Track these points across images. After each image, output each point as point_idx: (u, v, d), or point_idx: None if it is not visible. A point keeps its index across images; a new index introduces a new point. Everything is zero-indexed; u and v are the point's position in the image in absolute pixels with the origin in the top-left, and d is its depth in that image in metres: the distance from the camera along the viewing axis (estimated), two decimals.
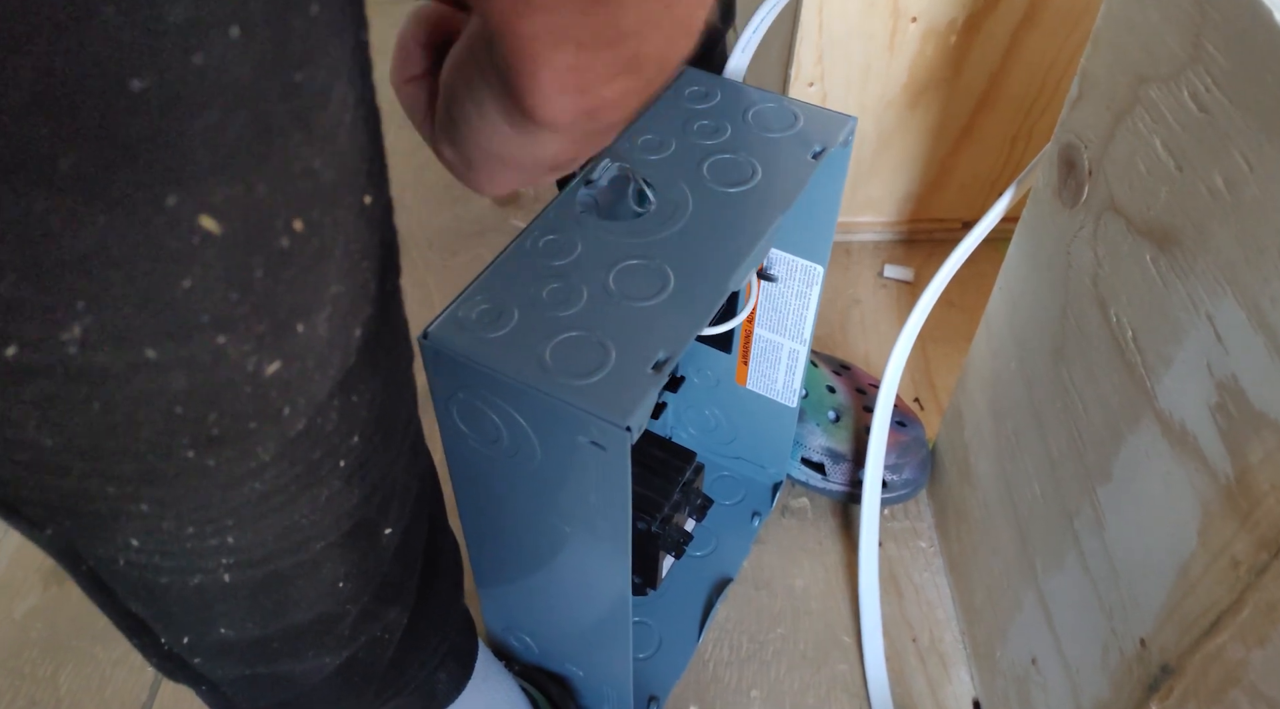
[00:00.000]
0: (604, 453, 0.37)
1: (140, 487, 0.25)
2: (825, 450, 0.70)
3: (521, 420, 0.39)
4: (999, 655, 0.59)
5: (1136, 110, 0.42)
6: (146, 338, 0.21)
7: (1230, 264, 0.36)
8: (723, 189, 0.45)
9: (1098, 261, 0.46)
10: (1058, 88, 0.80)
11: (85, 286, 0.20)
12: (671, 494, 0.55)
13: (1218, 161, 0.37)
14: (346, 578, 0.34)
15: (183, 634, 0.34)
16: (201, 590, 0.30)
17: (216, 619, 0.33)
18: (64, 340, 0.20)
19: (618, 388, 0.37)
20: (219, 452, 0.25)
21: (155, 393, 0.22)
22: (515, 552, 0.49)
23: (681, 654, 0.63)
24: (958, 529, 0.67)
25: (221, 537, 0.28)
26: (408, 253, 0.90)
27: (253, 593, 0.32)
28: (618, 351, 0.38)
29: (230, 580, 0.30)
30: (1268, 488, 0.34)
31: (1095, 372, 0.46)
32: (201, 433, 0.24)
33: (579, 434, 0.38)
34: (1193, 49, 0.38)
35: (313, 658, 0.37)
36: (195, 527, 0.27)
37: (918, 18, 0.74)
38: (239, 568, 0.30)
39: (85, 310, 0.20)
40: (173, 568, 0.29)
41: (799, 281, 0.58)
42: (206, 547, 0.28)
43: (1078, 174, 0.48)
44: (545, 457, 0.40)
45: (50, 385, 0.21)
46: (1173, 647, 0.39)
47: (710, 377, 0.67)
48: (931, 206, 0.91)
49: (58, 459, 0.23)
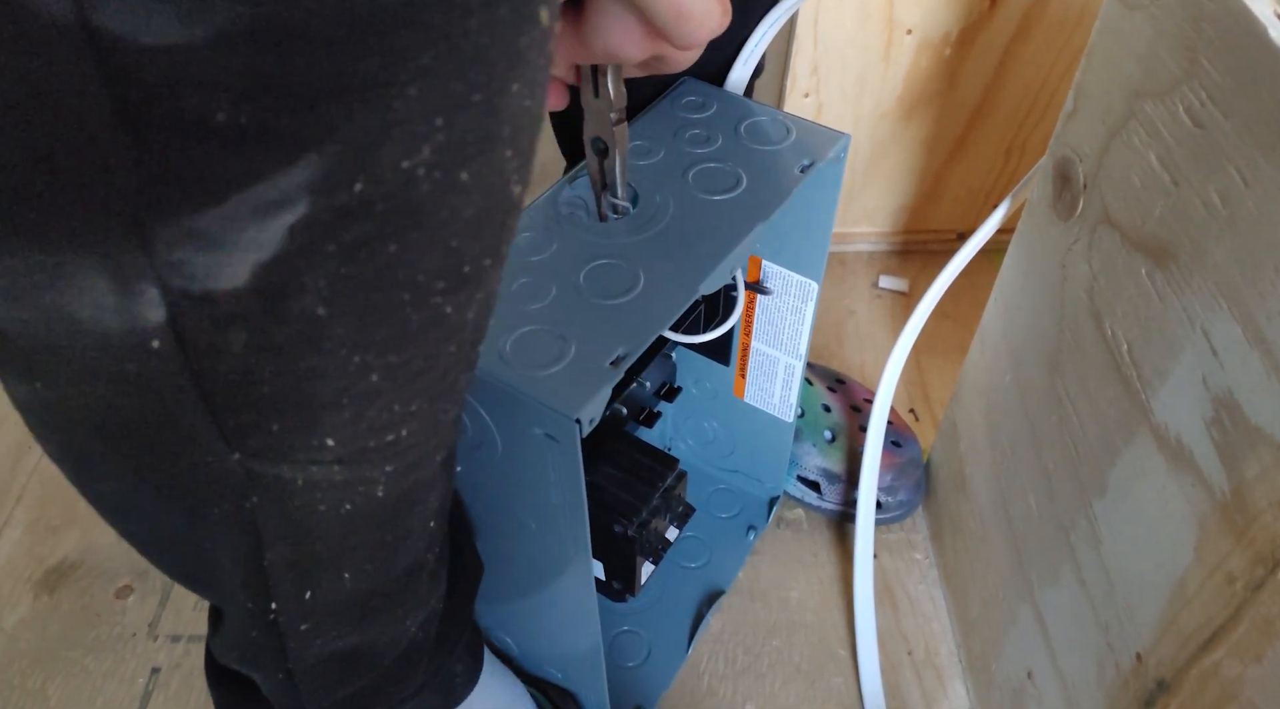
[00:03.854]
0: (557, 445, 0.38)
1: (375, 355, 0.25)
2: (821, 470, 0.70)
3: (483, 412, 0.40)
4: (995, 669, 0.58)
5: (1131, 124, 0.43)
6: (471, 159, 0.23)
7: (1226, 279, 0.36)
8: (705, 196, 0.45)
9: (1093, 275, 0.46)
10: (1052, 100, 0.81)
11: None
12: (651, 499, 0.55)
13: (1213, 177, 0.37)
14: (436, 515, 0.36)
15: (306, 588, 0.34)
16: (350, 519, 0.31)
17: (348, 558, 0.33)
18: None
19: (571, 381, 0.37)
20: (457, 295, 0.26)
21: (454, 217, 0.23)
22: (487, 550, 0.49)
23: (670, 664, 0.63)
24: (953, 542, 0.67)
25: (398, 430, 0.29)
26: None
27: (388, 519, 0.32)
28: (577, 346, 0.38)
29: (383, 495, 0.31)
30: (1264, 504, 0.33)
31: (1091, 385, 0.46)
32: (459, 269, 0.25)
33: (534, 426, 0.38)
34: (1188, 64, 0.38)
35: (400, 618, 0.39)
36: (400, 405, 0.28)
37: (913, 30, 0.75)
38: (394, 480, 0.30)
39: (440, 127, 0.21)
40: (343, 482, 0.29)
41: (794, 296, 0.58)
42: (384, 444, 0.29)
43: (1073, 187, 0.48)
44: (505, 450, 0.41)
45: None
46: (1169, 662, 0.39)
47: (709, 388, 0.67)
48: (926, 218, 0.91)
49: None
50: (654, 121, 0.50)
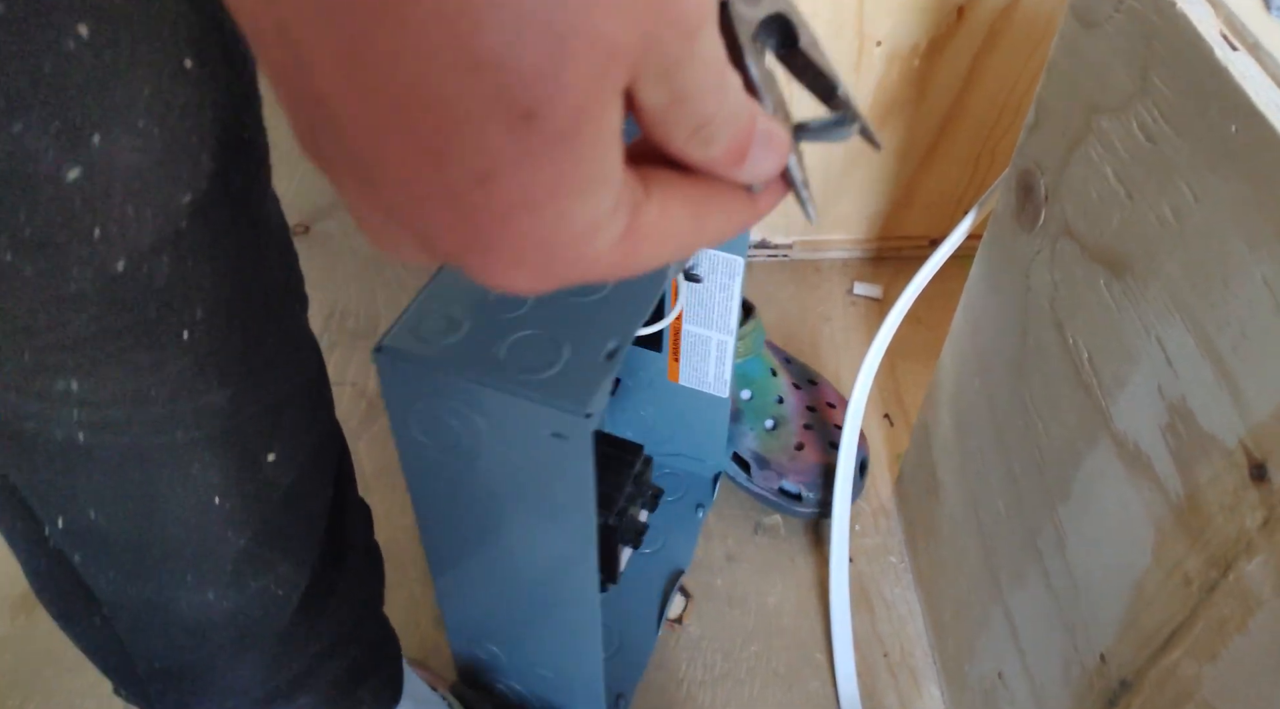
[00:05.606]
0: (566, 443, 0.38)
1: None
2: (753, 454, 0.72)
3: (481, 422, 0.40)
4: (968, 670, 0.59)
5: (1089, 139, 0.44)
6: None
7: (1178, 291, 0.37)
8: None
9: (1054, 285, 0.47)
10: (1019, 109, 0.82)
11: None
12: (625, 487, 0.57)
13: (1165, 191, 0.38)
14: (224, 496, 0.35)
15: (57, 514, 0.35)
16: (65, 451, 0.32)
17: (84, 494, 0.34)
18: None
19: (574, 378, 0.38)
20: (34, 258, 0.26)
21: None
22: (480, 560, 0.50)
23: (642, 651, 0.64)
24: (926, 544, 0.68)
25: (66, 379, 0.30)
26: (381, 274, 0.90)
27: (118, 468, 0.33)
28: (570, 345, 0.39)
29: (85, 441, 0.32)
30: (1216, 508, 0.35)
31: (1054, 392, 0.47)
32: (16, 229, 0.26)
33: (541, 428, 0.39)
34: (1141, 82, 0.39)
35: (194, 586, 0.38)
36: (32, 355, 0.29)
37: (882, 42, 0.76)
38: (93, 429, 0.32)
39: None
40: (34, 414, 0.31)
41: (721, 275, 0.60)
42: (55, 390, 0.30)
43: (1035, 199, 0.49)
44: (507, 456, 0.41)
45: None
46: (1130, 662, 0.40)
47: (643, 378, 0.69)
48: (899, 224, 0.93)
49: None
50: None
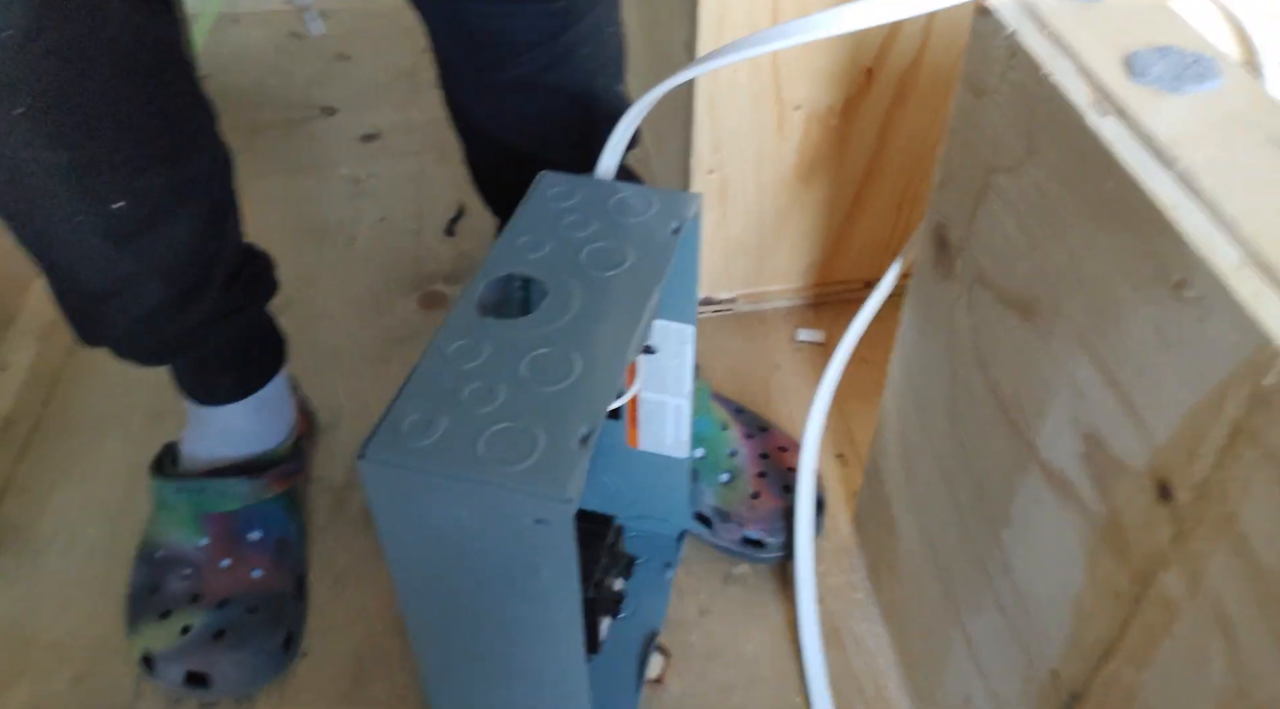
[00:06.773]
0: (549, 527, 0.41)
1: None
2: (713, 509, 0.75)
3: (466, 515, 0.42)
4: (939, 698, 0.62)
5: (990, 195, 0.48)
6: None
7: (1082, 330, 0.41)
8: (603, 274, 0.50)
9: (974, 328, 0.51)
10: (933, 155, 0.88)
11: None
12: (600, 559, 0.59)
13: (1061, 240, 0.42)
14: (47, 55, 0.46)
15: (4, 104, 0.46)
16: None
17: (17, 87, 0.46)
18: None
19: (552, 465, 0.40)
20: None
21: None
22: (469, 649, 0.51)
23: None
24: (889, 579, 0.70)
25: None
26: (340, 364, 0.92)
27: (23, 77, 0.46)
28: (545, 434, 0.42)
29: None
30: (1133, 526, 0.38)
31: (985, 427, 0.51)
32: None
33: (524, 515, 0.41)
34: (1028, 144, 0.44)
35: (102, 197, 0.53)
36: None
37: (800, 106, 0.81)
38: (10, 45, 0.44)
39: None
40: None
41: (674, 342, 0.63)
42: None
43: (949, 250, 0.53)
44: (492, 545, 0.43)
45: None
46: (1078, 675, 0.43)
47: (604, 444, 0.71)
48: (835, 270, 0.97)
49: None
50: (532, 218, 0.54)
